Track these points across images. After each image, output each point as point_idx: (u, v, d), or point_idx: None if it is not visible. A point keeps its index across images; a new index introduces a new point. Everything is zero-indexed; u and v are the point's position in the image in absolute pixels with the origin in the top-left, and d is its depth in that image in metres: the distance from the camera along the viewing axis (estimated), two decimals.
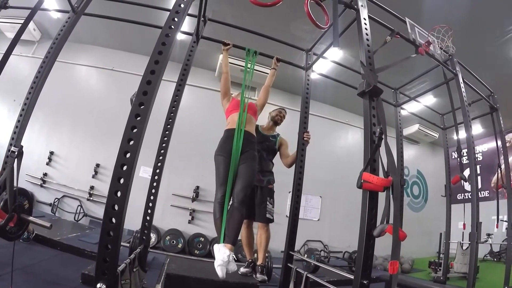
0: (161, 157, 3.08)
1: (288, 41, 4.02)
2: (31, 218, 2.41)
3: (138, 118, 1.58)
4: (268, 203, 3.45)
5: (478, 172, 8.59)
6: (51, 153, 6.62)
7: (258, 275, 3.25)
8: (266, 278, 3.25)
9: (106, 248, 1.45)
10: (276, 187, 3.64)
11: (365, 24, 2.49)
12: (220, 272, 2.15)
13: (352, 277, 1.91)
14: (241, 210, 2.50)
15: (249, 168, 2.67)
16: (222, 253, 2.22)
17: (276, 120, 3.81)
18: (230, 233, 2.38)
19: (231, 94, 3.31)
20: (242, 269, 3.42)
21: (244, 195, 2.54)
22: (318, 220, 7.96)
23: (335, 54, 5.77)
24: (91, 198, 6.52)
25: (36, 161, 6.45)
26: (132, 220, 3.52)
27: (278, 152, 3.77)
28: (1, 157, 2.50)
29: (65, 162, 6.67)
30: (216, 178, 2.70)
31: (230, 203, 2.55)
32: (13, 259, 2.34)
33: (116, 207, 1.47)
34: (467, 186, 4.77)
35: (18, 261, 2.94)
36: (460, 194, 8.87)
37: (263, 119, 3.87)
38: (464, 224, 4.62)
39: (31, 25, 6.48)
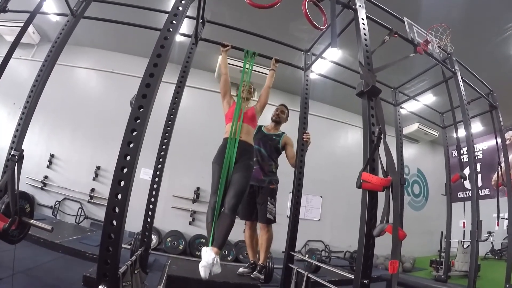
0: (161, 159, 3.09)
1: (287, 41, 4.02)
2: (32, 221, 2.41)
3: (138, 121, 1.59)
4: (268, 203, 3.44)
5: (478, 170, 8.60)
6: (52, 155, 6.63)
7: (255, 272, 3.27)
8: (262, 277, 3.25)
9: (107, 251, 1.45)
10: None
11: (363, 24, 2.50)
12: (203, 272, 2.23)
13: (353, 276, 1.91)
14: (230, 217, 2.57)
15: (242, 176, 2.74)
16: (208, 255, 2.31)
17: (274, 119, 3.81)
18: (218, 237, 2.48)
19: (231, 96, 3.32)
20: (241, 269, 3.43)
21: (234, 202, 2.61)
22: (319, 220, 7.96)
23: (334, 54, 5.77)
24: (92, 201, 6.53)
25: (36, 164, 6.46)
26: (133, 222, 3.50)
27: (283, 152, 3.75)
28: (2, 160, 2.51)
29: (66, 164, 6.67)
30: (211, 186, 2.80)
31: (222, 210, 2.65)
32: (14, 262, 2.35)
33: (117, 210, 1.48)
34: (468, 184, 4.76)
35: (20, 264, 2.94)
36: (460, 193, 8.84)
37: (265, 121, 3.89)
38: (464, 223, 4.62)
39: (30, 28, 6.50)
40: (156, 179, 3.02)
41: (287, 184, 3.75)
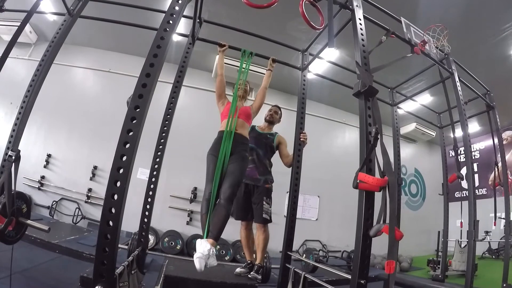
0: (158, 159, 3.08)
1: (284, 41, 4.02)
2: (29, 221, 2.40)
3: (134, 121, 1.58)
4: (264, 202, 3.45)
5: (475, 170, 8.63)
6: (49, 155, 6.60)
7: (252, 272, 3.27)
8: (259, 277, 3.26)
9: (104, 251, 1.45)
10: (274, 187, 3.65)
11: (360, 24, 2.50)
12: (198, 264, 2.13)
13: (350, 276, 1.92)
14: (226, 207, 2.54)
15: (237, 167, 2.74)
16: (203, 246, 2.23)
17: (268, 119, 3.82)
18: (213, 228, 2.42)
19: (226, 96, 3.32)
20: (238, 269, 3.44)
21: (230, 192, 2.59)
22: (317, 219, 7.97)
23: (331, 54, 5.78)
24: (89, 201, 6.49)
25: (33, 164, 6.42)
26: (130, 222, 3.52)
27: (277, 151, 3.77)
28: None
29: (63, 164, 6.64)
30: (206, 175, 2.81)
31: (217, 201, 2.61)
32: (11, 263, 2.34)
33: (113, 210, 1.47)
34: (465, 184, 4.77)
35: (17, 264, 2.93)
36: (457, 192, 8.91)
37: (258, 122, 3.89)
38: (461, 223, 4.64)
39: (27, 27, 6.46)
40: (153, 179, 3.02)
41: (284, 184, 3.75)
